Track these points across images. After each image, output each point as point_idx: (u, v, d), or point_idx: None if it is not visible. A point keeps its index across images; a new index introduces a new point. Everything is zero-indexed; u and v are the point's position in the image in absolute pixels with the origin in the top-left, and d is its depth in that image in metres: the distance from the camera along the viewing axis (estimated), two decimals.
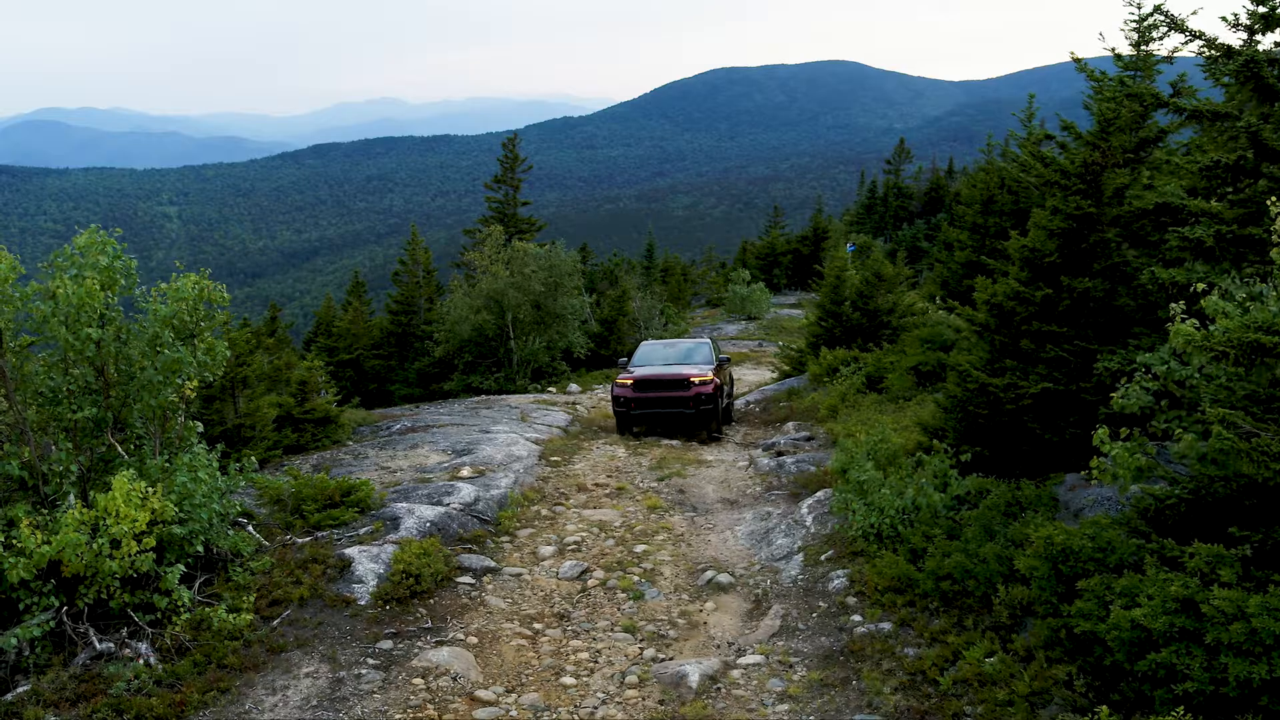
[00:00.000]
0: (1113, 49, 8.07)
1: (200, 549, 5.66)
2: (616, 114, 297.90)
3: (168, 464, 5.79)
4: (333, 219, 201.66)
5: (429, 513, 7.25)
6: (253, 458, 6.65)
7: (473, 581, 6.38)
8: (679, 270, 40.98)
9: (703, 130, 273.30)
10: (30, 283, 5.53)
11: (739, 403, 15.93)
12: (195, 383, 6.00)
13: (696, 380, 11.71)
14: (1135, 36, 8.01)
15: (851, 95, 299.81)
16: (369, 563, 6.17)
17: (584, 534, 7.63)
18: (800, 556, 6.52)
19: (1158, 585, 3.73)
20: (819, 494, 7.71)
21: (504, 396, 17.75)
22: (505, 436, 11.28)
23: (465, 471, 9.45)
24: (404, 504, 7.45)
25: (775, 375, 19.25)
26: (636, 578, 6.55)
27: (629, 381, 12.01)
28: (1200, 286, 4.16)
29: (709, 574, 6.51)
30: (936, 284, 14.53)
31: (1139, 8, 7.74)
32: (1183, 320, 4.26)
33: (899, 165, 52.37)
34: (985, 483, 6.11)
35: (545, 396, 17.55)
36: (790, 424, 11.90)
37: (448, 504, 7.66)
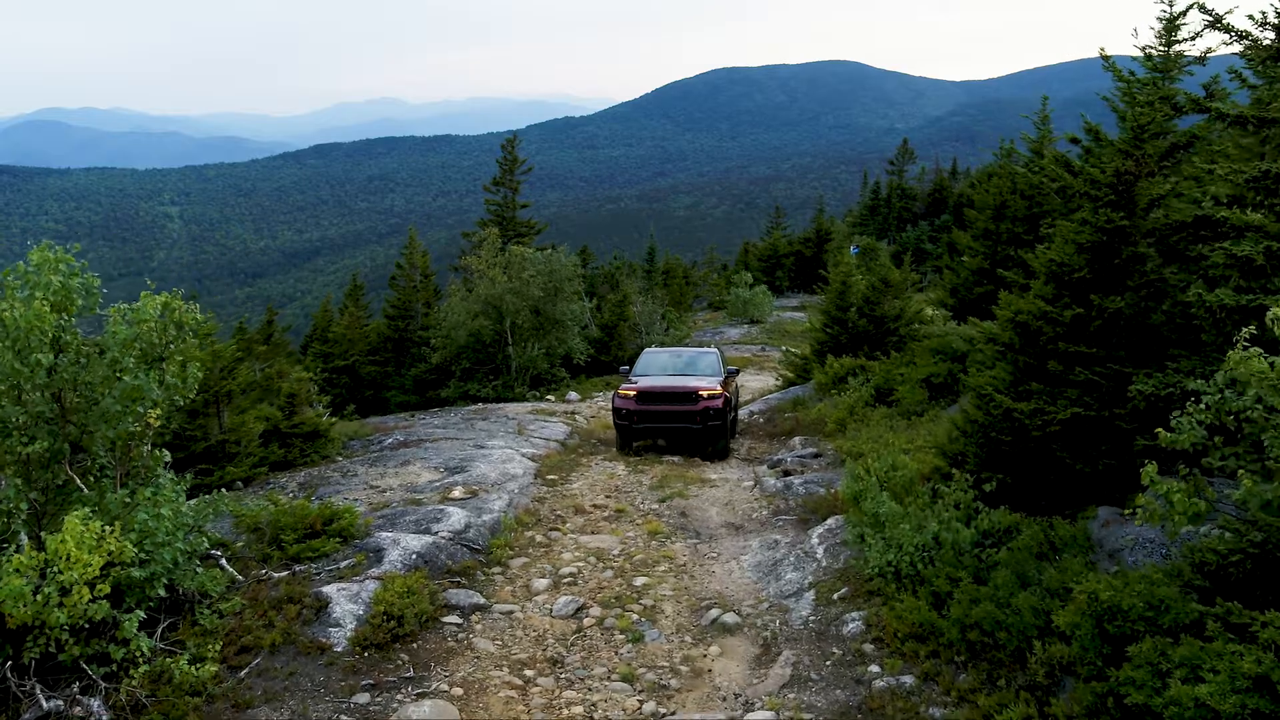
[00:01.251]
0: (1144, 48, 7.62)
1: (162, 592, 5.22)
2: (618, 114, 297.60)
3: (129, 498, 5.36)
4: (334, 219, 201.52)
5: (415, 543, 6.81)
6: (223, 490, 6.20)
7: (460, 621, 5.95)
8: (680, 272, 40.53)
9: (704, 130, 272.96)
10: None
11: (742, 412, 15.50)
12: (159, 411, 5.57)
13: (705, 394, 11.05)
14: (1165, 35, 7.54)
15: (852, 95, 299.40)
16: (348, 603, 5.74)
17: (580, 564, 7.19)
18: (811, 594, 6.08)
19: (1226, 659, 3.29)
20: (829, 522, 7.27)
21: (501, 406, 17.31)
22: (500, 453, 10.84)
23: (457, 492, 9.01)
24: (389, 533, 7.02)
25: (779, 383, 18.82)
26: (636, 616, 6.11)
27: (632, 393, 11.27)
28: (1274, 313, 3.70)
29: (713, 612, 6.07)
30: (946, 291, 14.08)
31: (1170, 5, 7.28)
32: (1246, 348, 3.82)
33: (902, 166, 51.93)
34: (1013, 519, 5.67)
35: (544, 405, 17.12)
36: (796, 439, 11.46)
37: (436, 532, 7.22)
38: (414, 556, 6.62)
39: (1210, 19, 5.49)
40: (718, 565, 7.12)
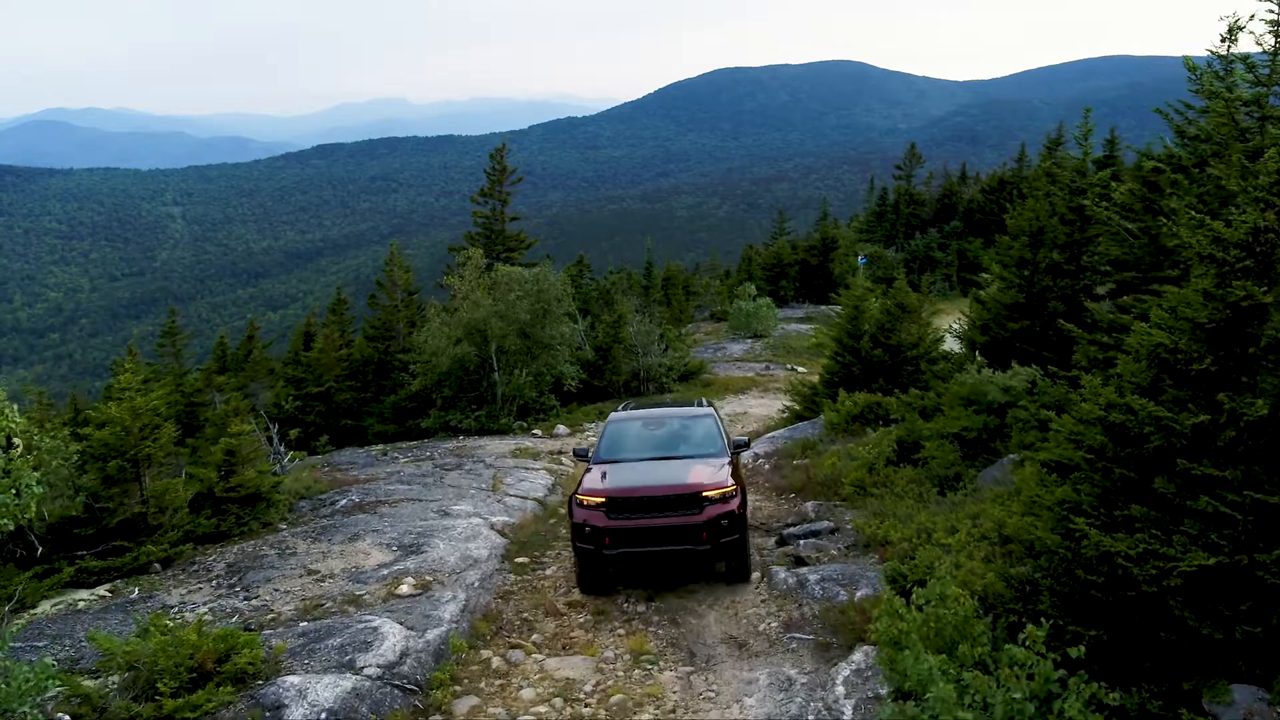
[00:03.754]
0: (1244, 56, 6.12)
1: None
2: (620, 114, 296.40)
3: None
4: (337, 219, 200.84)
5: (328, 694, 5.33)
6: (50, 662, 4.73)
7: None
8: (680, 282, 39.02)
9: (706, 130, 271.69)
10: None
11: (745, 455, 14.00)
12: None
13: (713, 493, 7.31)
14: (1271, 40, 6.05)
15: (855, 95, 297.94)
16: None
17: (544, 707, 5.71)
18: None
19: None
20: (856, 657, 5.78)
21: (482, 443, 15.86)
22: (465, 524, 9.36)
23: (405, 586, 7.55)
24: (297, 678, 5.53)
25: (785, 414, 17.32)
26: None
27: (598, 499, 7.35)
28: None
29: None
30: (974, 327, 12.58)
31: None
32: None
33: (910, 170, 50.27)
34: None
35: (528, 443, 15.65)
36: (809, 504, 9.95)
37: (362, 667, 5.75)
38: (323, 716, 5.14)
39: None
40: (716, 712, 5.63)
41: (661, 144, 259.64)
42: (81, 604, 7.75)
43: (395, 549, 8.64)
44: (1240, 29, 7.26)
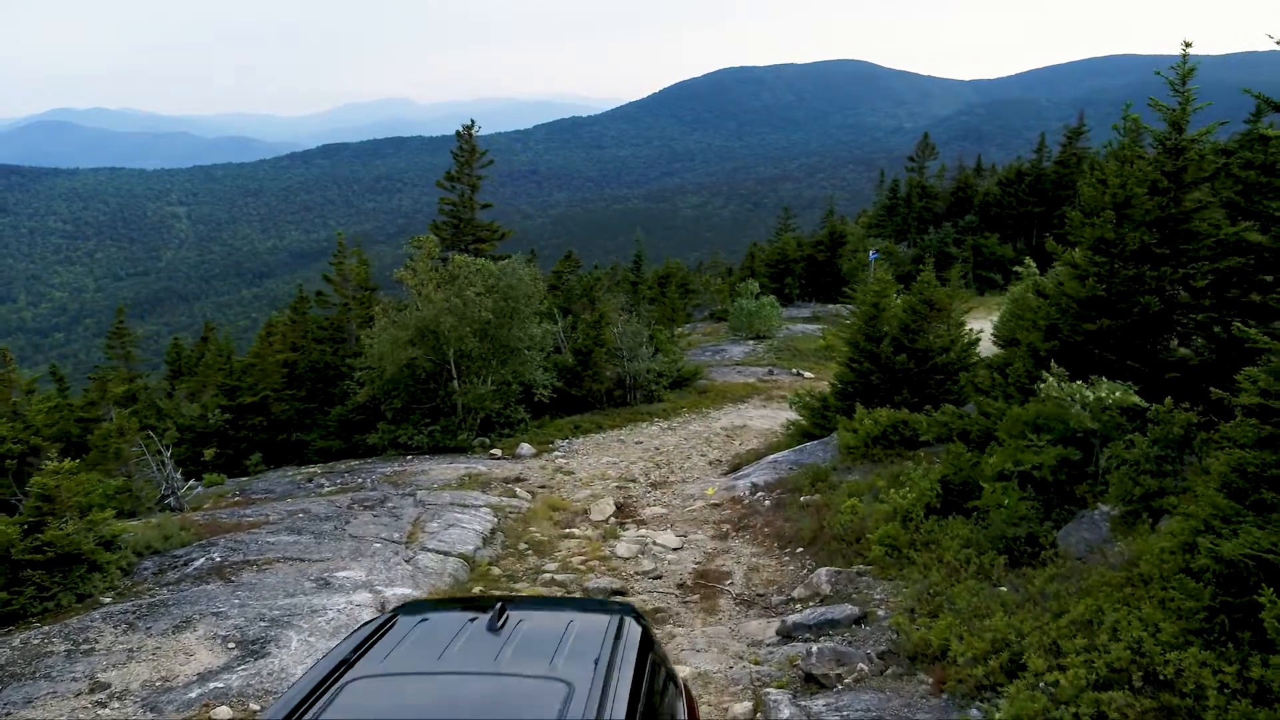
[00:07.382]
0: None
1: None
2: (625, 114, 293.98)
3: None
4: (341, 219, 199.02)
5: None
6: None
7: None
8: (678, 279, 36.29)
9: (711, 130, 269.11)
10: None
11: (743, 485, 11.38)
12: None
13: None
14: None
15: (860, 95, 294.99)
16: None
17: None
18: None
19: None
20: None
21: (428, 465, 13.23)
22: (344, 602, 6.71)
23: None
24: None
25: (790, 430, 14.65)
26: None
27: None
28: None
29: None
30: (1035, 329, 9.86)
31: None
32: None
33: (923, 162, 47.52)
34: None
35: (481, 467, 13.00)
36: (823, 573, 7.23)
37: None
38: None
39: None
40: None
41: (666, 143, 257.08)
42: None
43: (232, 645, 6.01)
44: None
